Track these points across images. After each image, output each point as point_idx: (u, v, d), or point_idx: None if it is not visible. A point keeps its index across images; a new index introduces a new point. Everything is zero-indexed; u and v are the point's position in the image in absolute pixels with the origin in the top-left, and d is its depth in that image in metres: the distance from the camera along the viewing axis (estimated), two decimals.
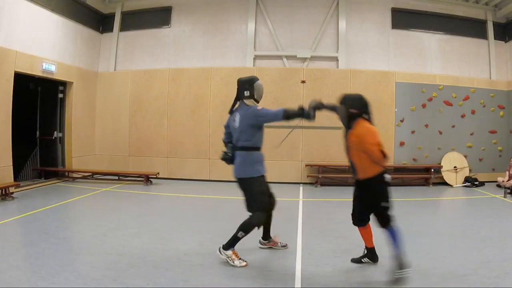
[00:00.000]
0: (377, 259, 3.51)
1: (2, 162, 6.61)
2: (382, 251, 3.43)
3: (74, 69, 8.67)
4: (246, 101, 3.58)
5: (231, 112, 3.69)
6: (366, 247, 3.51)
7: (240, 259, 3.44)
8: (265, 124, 3.56)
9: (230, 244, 3.47)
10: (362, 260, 3.52)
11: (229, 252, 3.45)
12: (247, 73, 8.52)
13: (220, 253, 3.49)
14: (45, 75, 7.75)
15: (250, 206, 3.52)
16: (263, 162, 3.59)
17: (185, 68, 9.16)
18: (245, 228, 3.46)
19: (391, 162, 8.78)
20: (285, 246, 3.94)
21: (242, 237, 3.46)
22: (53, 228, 4.52)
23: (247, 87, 3.56)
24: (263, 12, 9.17)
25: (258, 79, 3.64)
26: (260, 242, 3.97)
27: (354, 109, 3.19)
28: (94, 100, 9.44)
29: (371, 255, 3.51)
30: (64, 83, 8.60)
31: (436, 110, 8.88)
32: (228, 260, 3.43)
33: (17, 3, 6.93)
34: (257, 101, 3.61)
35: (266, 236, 3.94)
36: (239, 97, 3.61)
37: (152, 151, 9.16)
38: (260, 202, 3.49)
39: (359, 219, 3.41)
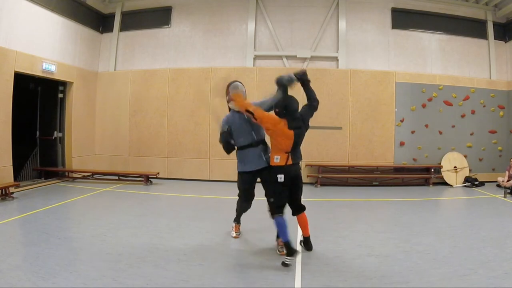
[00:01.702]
0: (311, 248, 3.83)
1: (2, 162, 6.61)
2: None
3: (74, 69, 8.67)
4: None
5: None
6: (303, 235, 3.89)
7: (235, 232, 4.25)
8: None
9: (235, 218, 4.32)
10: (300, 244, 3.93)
11: (233, 224, 4.30)
12: (247, 73, 8.68)
13: None
14: (45, 75, 7.76)
15: None
16: (244, 161, 3.92)
17: (185, 68, 9.16)
18: (237, 208, 4.21)
19: (391, 162, 8.82)
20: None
21: (238, 215, 4.27)
22: (53, 228, 4.52)
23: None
24: (263, 12, 9.17)
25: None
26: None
27: (276, 108, 3.60)
28: (94, 100, 9.45)
29: (305, 244, 3.88)
30: (64, 83, 8.61)
31: (436, 110, 8.89)
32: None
33: (17, 3, 6.94)
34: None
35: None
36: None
37: (152, 151, 9.16)
38: (240, 192, 4.09)
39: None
